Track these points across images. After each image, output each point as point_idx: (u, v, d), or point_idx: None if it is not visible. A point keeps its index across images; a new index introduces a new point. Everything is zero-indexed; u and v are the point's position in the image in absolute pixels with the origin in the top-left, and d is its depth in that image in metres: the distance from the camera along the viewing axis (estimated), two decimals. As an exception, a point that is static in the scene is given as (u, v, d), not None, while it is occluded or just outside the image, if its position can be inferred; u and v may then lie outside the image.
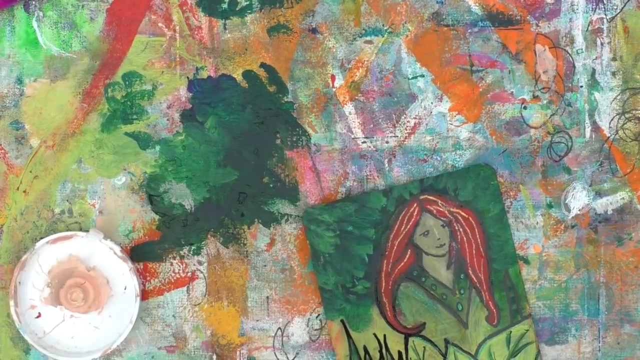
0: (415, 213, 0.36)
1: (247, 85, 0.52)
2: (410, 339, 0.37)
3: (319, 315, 0.49)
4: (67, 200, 0.52)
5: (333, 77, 0.52)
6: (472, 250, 0.37)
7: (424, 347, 0.37)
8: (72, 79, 0.52)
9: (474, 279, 0.37)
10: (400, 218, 0.36)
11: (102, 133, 0.52)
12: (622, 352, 0.52)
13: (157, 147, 0.52)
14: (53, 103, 0.52)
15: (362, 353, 0.37)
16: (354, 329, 0.37)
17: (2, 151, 0.52)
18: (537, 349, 0.38)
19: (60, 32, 0.52)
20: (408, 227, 0.36)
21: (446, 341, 0.37)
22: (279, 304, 0.51)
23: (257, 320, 0.51)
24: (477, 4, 0.51)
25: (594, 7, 0.51)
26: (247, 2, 0.51)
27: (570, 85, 0.52)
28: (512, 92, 0.52)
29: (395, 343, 0.37)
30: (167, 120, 0.52)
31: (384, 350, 0.37)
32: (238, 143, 0.51)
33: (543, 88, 0.52)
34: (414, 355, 0.37)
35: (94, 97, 0.52)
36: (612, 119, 0.52)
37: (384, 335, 0.38)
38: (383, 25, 0.52)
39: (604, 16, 0.51)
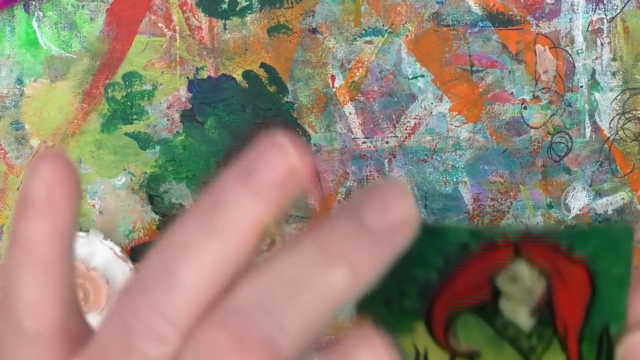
0: (506, 257, 0.28)
1: (247, 85, 0.52)
2: (458, 359, 0.31)
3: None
4: (67, 201, 0.52)
5: (333, 78, 0.52)
6: (569, 305, 0.30)
7: None
8: (72, 79, 0.52)
9: (561, 330, 0.30)
10: (483, 257, 0.28)
11: (102, 133, 0.52)
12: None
13: (157, 148, 0.52)
14: (53, 103, 0.52)
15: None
16: (388, 331, 0.31)
17: (2, 151, 0.52)
18: None
19: (60, 32, 0.52)
20: (490, 267, 0.28)
21: None
22: (279, 304, 0.51)
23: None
24: (477, 4, 0.51)
25: (594, 7, 0.51)
26: (247, 2, 0.51)
27: (570, 85, 0.52)
28: (512, 92, 0.52)
29: (438, 358, 0.31)
30: (167, 120, 0.52)
31: (421, 358, 0.32)
32: (238, 143, 0.51)
33: (543, 88, 0.52)
34: None
35: (94, 98, 0.52)
36: (612, 119, 0.52)
37: (425, 349, 0.31)
38: (383, 25, 0.52)
39: (604, 16, 0.51)
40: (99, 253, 0.51)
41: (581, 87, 0.52)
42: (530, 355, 0.31)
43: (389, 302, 0.31)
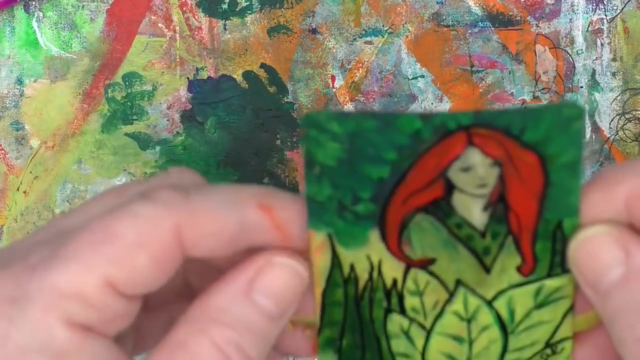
0: (459, 145, 0.27)
1: (247, 85, 0.52)
2: (413, 270, 0.30)
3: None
4: (68, 201, 0.52)
5: (333, 78, 0.52)
6: (522, 197, 0.29)
7: (428, 281, 0.30)
8: (72, 79, 0.52)
9: (515, 226, 0.29)
10: (436, 147, 0.27)
11: (102, 134, 0.52)
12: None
13: (158, 148, 0.52)
14: (53, 104, 0.52)
15: (346, 270, 0.31)
16: (343, 245, 0.30)
17: (2, 152, 0.52)
18: (570, 303, 0.31)
19: (60, 32, 0.52)
20: (443, 158, 0.28)
21: (458, 282, 0.30)
22: (279, 305, 0.51)
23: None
24: (477, 5, 0.51)
25: (594, 7, 0.51)
26: (247, 3, 0.51)
27: (570, 85, 0.52)
28: (513, 92, 0.52)
29: (392, 270, 0.30)
30: (167, 120, 0.52)
31: (375, 274, 0.31)
32: (238, 144, 0.51)
33: (543, 89, 0.52)
34: (413, 286, 0.30)
35: (94, 98, 0.52)
36: (612, 120, 0.52)
37: (380, 260, 0.30)
38: (383, 25, 0.52)
39: (604, 17, 0.51)
40: (99, 253, 0.51)
41: (581, 87, 0.52)
42: (484, 257, 0.31)
43: (342, 210, 0.30)
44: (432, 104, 0.51)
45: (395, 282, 0.31)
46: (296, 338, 0.34)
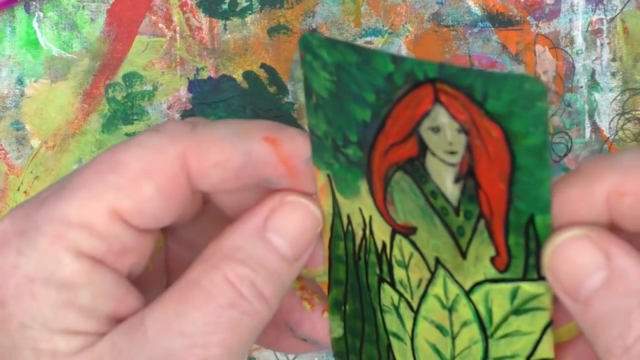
0: (427, 100, 0.27)
1: (247, 85, 0.52)
2: (398, 237, 0.31)
3: (319, 315, 0.49)
4: (68, 201, 0.52)
5: (333, 78, 0.52)
6: (491, 176, 0.28)
7: (411, 252, 0.30)
8: (72, 79, 0.52)
9: (486, 208, 0.28)
10: (407, 96, 0.28)
11: (102, 134, 0.52)
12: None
13: (158, 148, 0.52)
14: (54, 104, 0.52)
15: (345, 221, 0.31)
16: (340, 192, 0.31)
17: (3, 152, 0.52)
18: (549, 318, 0.30)
19: (60, 32, 0.52)
20: (415, 111, 0.27)
21: (437, 260, 0.30)
22: (279, 304, 0.51)
23: (258, 321, 0.52)
24: (477, 5, 0.52)
25: (593, 7, 0.51)
26: (248, 3, 0.51)
27: (570, 85, 0.52)
28: (512, 92, 0.52)
29: (381, 231, 0.31)
30: (168, 120, 0.52)
31: (367, 232, 0.31)
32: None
33: (543, 89, 0.52)
34: (399, 255, 0.31)
35: (95, 98, 0.52)
36: (612, 120, 0.52)
37: (370, 217, 0.31)
38: (383, 25, 0.52)
39: (604, 17, 0.51)
40: (99, 253, 0.51)
41: (581, 87, 0.52)
42: (460, 238, 0.30)
43: (337, 151, 0.31)
44: (432, 104, 0.51)
45: (384, 246, 0.32)
46: (314, 320, 0.34)
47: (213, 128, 0.30)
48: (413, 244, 0.31)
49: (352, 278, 0.33)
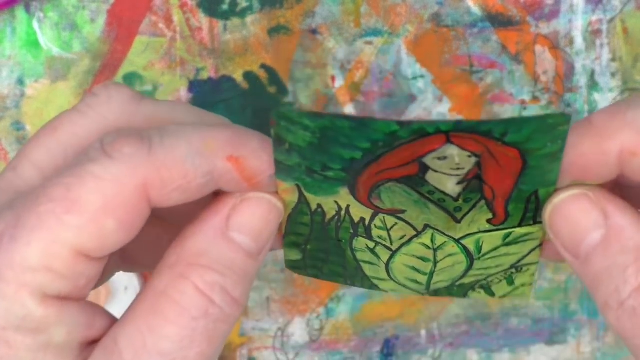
0: (437, 143, 0.26)
1: (247, 86, 0.52)
2: (381, 215, 0.30)
3: (319, 315, 0.49)
4: (68, 201, 0.52)
5: (333, 78, 0.52)
6: (499, 178, 0.28)
7: (396, 222, 0.30)
8: (73, 80, 0.52)
9: (489, 194, 0.28)
10: (412, 143, 0.26)
11: (102, 134, 0.52)
12: (621, 352, 0.52)
13: (158, 148, 0.52)
14: (54, 104, 0.52)
15: (314, 206, 0.30)
16: (312, 194, 0.30)
17: (3, 152, 0.52)
18: (539, 242, 0.30)
19: (61, 33, 0.52)
20: (420, 150, 0.27)
21: (426, 225, 0.30)
22: (279, 304, 0.51)
23: (258, 321, 0.51)
24: (476, 5, 0.52)
25: (593, 8, 0.52)
26: (248, 3, 0.52)
27: (569, 86, 0.52)
28: (512, 93, 0.52)
29: (360, 212, 0.30)
30: (168, 121, 0.52)
31: (343, 212, 0.30)
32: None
33: (543, 89, 0.52)
34: (380, 223, 0.30)
35: (95, 98, 0.52)
36: (611, 120, 0.52)
37: (348, 205, 0.30)
38: (383, 26, 0.52)
39: (604, 17, 0.52)
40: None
41: (581, 87, 0.52)
42: (455, 214, 0.30)
43: (311, 173, 0.29)
44: (432, 104, 0.51)
45: (362, 219, 0.31)
46: None
47: (172, 147, 0.28)
48: (399, 218, 0.30)
49: (317, 232, 0.32)
